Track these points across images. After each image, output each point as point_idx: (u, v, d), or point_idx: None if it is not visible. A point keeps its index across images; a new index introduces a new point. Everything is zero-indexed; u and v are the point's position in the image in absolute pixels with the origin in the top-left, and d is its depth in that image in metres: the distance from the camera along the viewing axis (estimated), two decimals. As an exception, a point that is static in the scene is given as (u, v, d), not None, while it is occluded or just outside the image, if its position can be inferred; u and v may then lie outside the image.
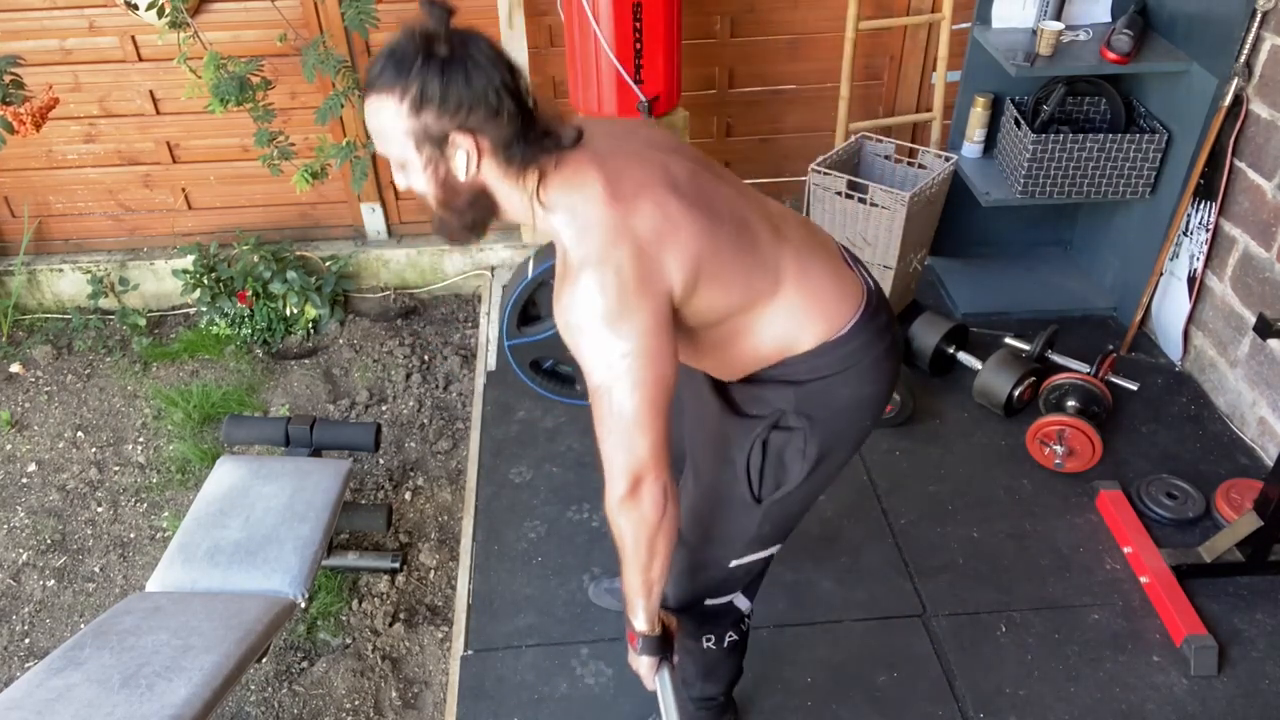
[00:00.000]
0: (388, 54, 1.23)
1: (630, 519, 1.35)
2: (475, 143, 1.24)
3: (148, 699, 1.73)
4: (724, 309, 1.38)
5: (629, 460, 1.31)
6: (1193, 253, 2.85)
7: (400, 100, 1.21)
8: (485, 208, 1.33)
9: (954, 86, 3.22)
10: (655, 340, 1.28)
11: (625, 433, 1.30)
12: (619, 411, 1.29)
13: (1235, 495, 2.49)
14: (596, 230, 1.26)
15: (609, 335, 1.26)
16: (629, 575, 1.44)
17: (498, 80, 1.22)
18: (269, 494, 2.32)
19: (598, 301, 1.25)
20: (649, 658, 1.53)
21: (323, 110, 2.74)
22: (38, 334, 3.46)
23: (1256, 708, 2.06)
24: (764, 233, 1.42)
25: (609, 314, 1.25)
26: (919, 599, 2.30)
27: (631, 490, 1.33)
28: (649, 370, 1.28)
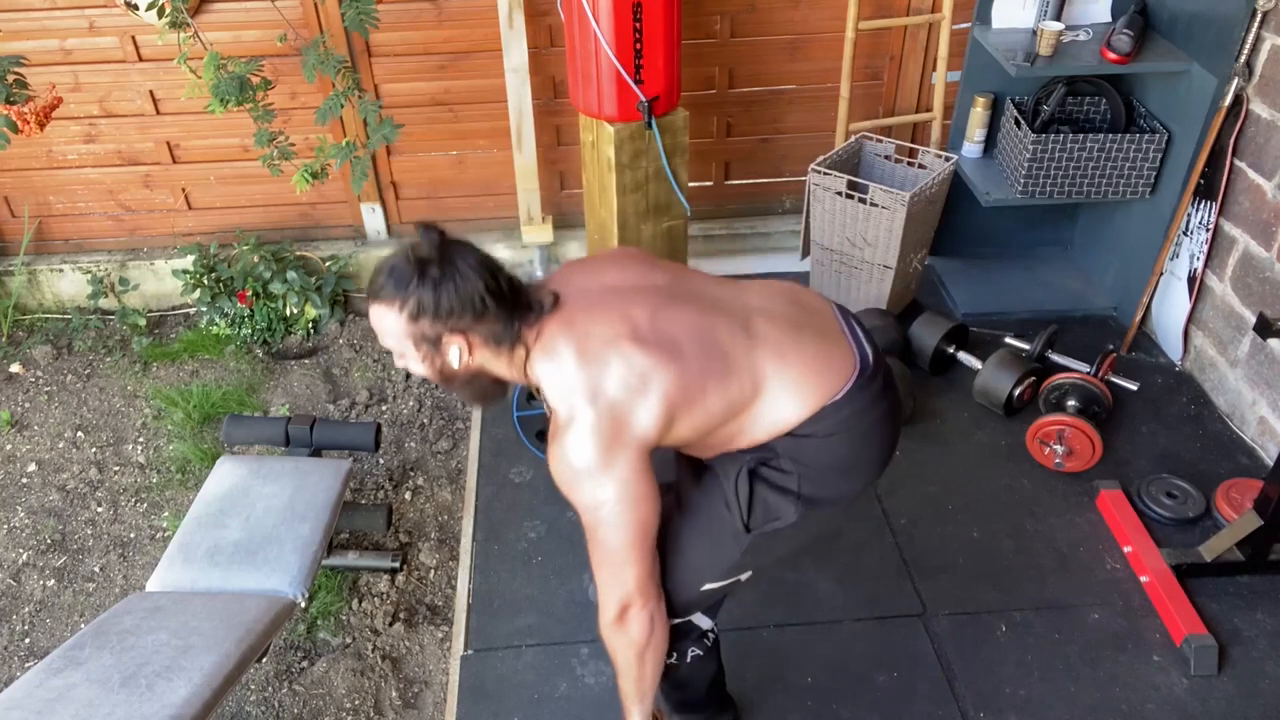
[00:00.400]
0: (388, 271, 1.41)
1: (620, 641, 1.54)
2: (466, 340, 1.43)
3: (148, 699, 1.73)
4: (707, 427, 1.48)
5: (618, 590, 1.49)
6: (1193, 252, 2.85)
7: (400, 311, 1.41)
8: (483, 383, 1.54)
9: (954, 86, 3.23)
10: (634, 487, 1.42)
11: (614, 566, 1.47)
12: (606, 548, 1.46)
13: (1235, 495, 2.50)
14: (572, 394, 1.41)
15: (592, 486, 1.41)
16: (624, 685, 1.62)
17: (481, 288, 1.40)
18: (269, 494, 2.32)
19: (580, 457, 1.40)
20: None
21: (323, 110, 2.74)
22: (38, 334, 3.46)
23: (1256, 707, 2.06)
24: (736, 343, 1.49)
25: (590, 468, 1.40)
26: (919, 599, 2.30)
27: (620, 616, 1.50)
28: (630, 513, 1.43)
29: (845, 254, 3.02)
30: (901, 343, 2.90)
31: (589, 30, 2.67)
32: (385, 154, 3.40)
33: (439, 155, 3.44)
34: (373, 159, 3.35)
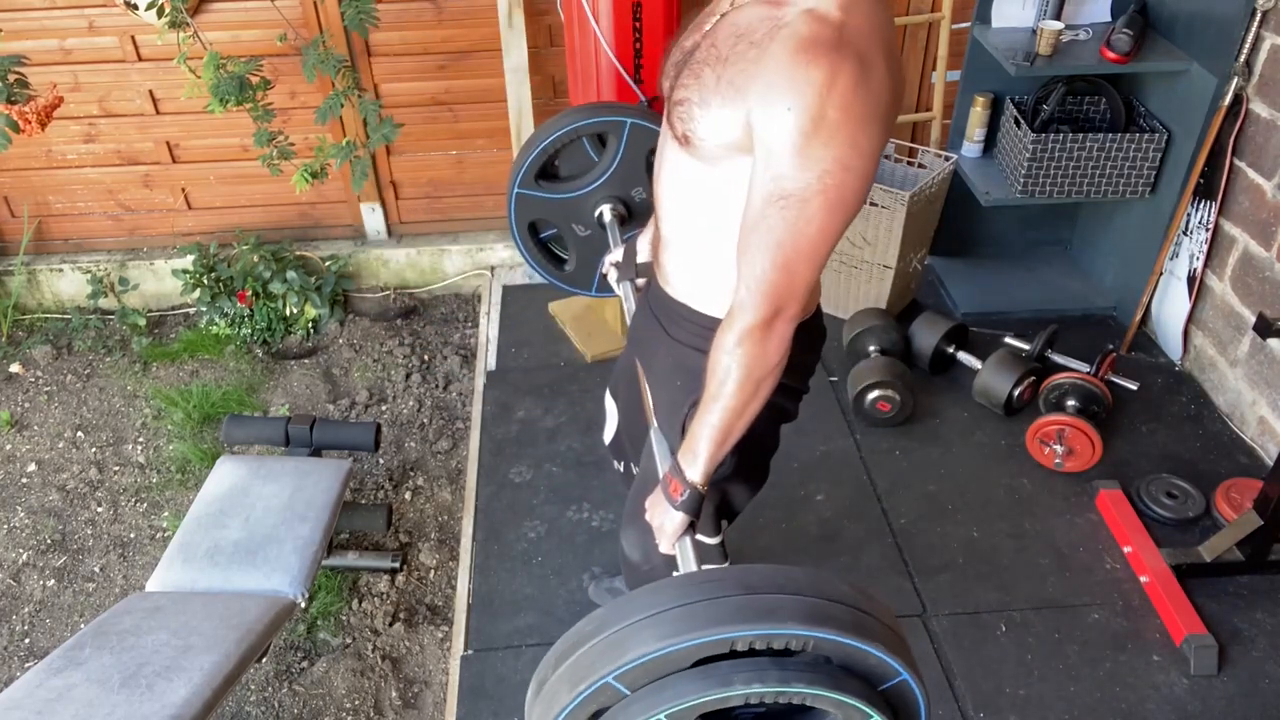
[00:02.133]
0: None
1: (752, 351, 1.22)
2: None
3: (148, 699, 1.73)
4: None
5: (783, 285, 1.18)
6: (1193, 252, 2.85)
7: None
8: None
9: (954, 86, 3.22)
10: (872, 171, 1.14)
11: (795, 253, 1.16)
12: (801, 227, 1.13)
13: (1235, 494, 2.49)
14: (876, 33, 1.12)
15: (844, 139, 1.09)
16: (712, 415, 1.27)
17: None
18: (269, 494, 2.32)
19: (855, 98, 1.08)
20: (683, 516, 1.36)
21: (322, 110, 2.74)
22: (37, 334, 3.46)
23: (1256, 707, 2.06)
24: None
25: (859, 117, 1.09)
26: (919, 599, 2.30)
27: (767, 321, 1.20)
28: (857, 197, 1.14)
29: (845, 253, 3.02)
30: (901, 343, 2.90)
31: (588, 30, 2.67)
32: (385, 154, 3.40)
33: (439, 155, 3.44)
34: (372, 159, 3.35)
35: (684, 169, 1.33)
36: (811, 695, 1.01)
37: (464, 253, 3.59)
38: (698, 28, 1.32)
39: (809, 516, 2.51)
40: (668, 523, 1.38)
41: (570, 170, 2.11)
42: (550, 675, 1.06)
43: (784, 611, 1.01)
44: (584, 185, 2.09)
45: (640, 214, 2.08)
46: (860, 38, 1.10)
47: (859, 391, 2.71)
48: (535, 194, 2.21)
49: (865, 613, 1.05)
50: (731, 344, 1.22)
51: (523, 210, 2.25)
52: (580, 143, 2.08)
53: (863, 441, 2.72)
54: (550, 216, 2.22)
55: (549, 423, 2.82)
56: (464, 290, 3.66)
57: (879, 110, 1.11)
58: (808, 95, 1.08)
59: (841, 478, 2.62)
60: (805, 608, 1.02)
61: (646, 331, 1.56)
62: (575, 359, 3.07)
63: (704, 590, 1.03)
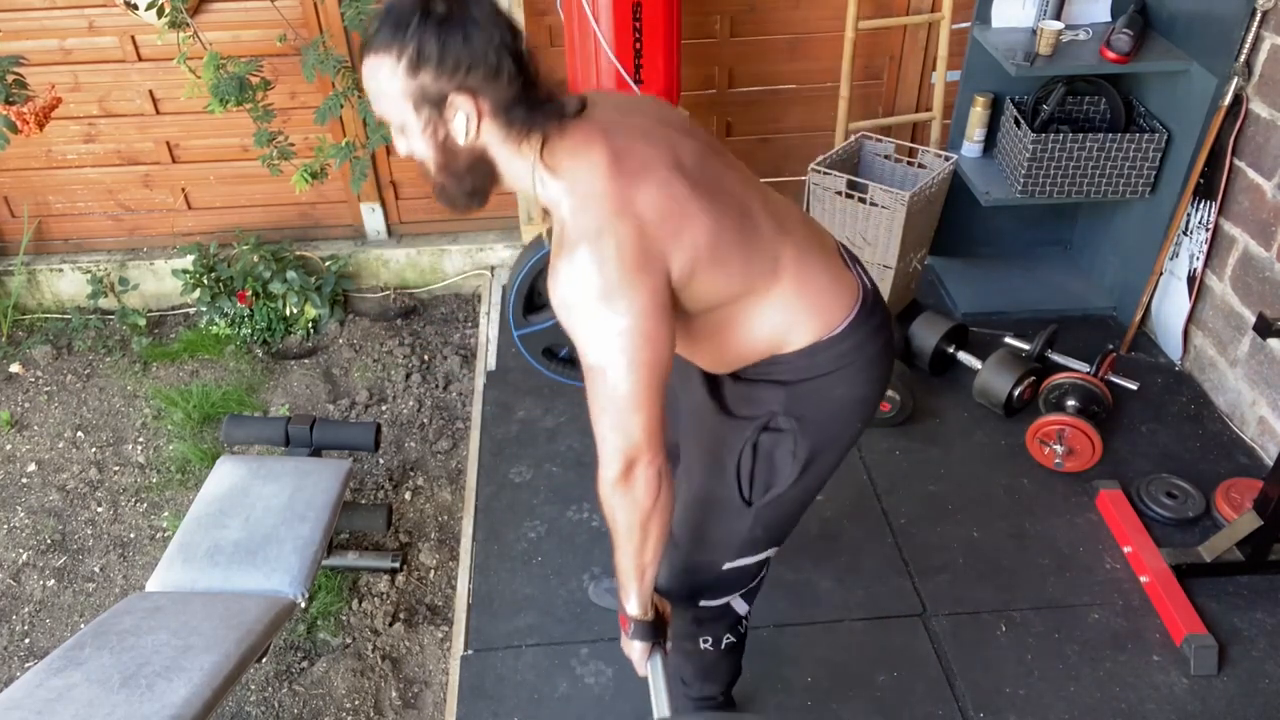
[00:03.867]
0: (385, 12, 1.20)
1: (623, 502, 1.34)
2: (475, 104, 1.22)
3: (148, 699, 1.73)
4: (721, 296, 1.36)
5: (623, 442, 1.30)
6: (1192, 252, 2.85)
7: (398, 60, 1.19)
8: (485, 173, 1.32)
9: (954, 86, 3.22)
10: (652, 321, 1.25)
11: (620, 413, 1.28)
12: (614, 392, 1.27)
13: (1235, 495, 2.49)
14: (598, 203, 1.24)
15: (605, 312, 1.23)
16: (621, 559, 1.42)
17: (497, 39, 1.19)
18: (269, 494, 2.31)
19: (595, 277, 1.22)
20: (641, 643, 1.52)
21: (322, 110, 2.74)
22: (37, 334, 3.46)
23: (1256, 707, 2.06)
24: (766, 223, 1.40)
25: (606, 290, 1.22)
26: (919, 599, 2.30)
27: (625, 473, 1.32)
28: (645, 351, 1.25)
29: (845, 254, 3.02)
30: (901, 343, 2.90)
31: (588, 30, 2.67)
32: (385, 154, 3.40)
33: (439, 155, 3.44)
34: (372, 159, 3.34)
35: None
36: None
37: (464, 253, 3.59)
38: None
39: (809, 516, 2.47)
40: (633, 652, 1.55)
41: None
42: None
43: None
44: None
45: None
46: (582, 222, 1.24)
47: (859, 391, 2.71)
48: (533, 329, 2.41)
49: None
50: (606, 496, 1.36)
51: (532, 345, 2.47)
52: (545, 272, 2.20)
53: (863, 441, 2.72)
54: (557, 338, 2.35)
55: (549, 423, 2.82)
56: (464, 290, 3.66)
57: (626, 273, 1.22)
58: (565, 292, 1.25)
59: (841, 478, 2.61)
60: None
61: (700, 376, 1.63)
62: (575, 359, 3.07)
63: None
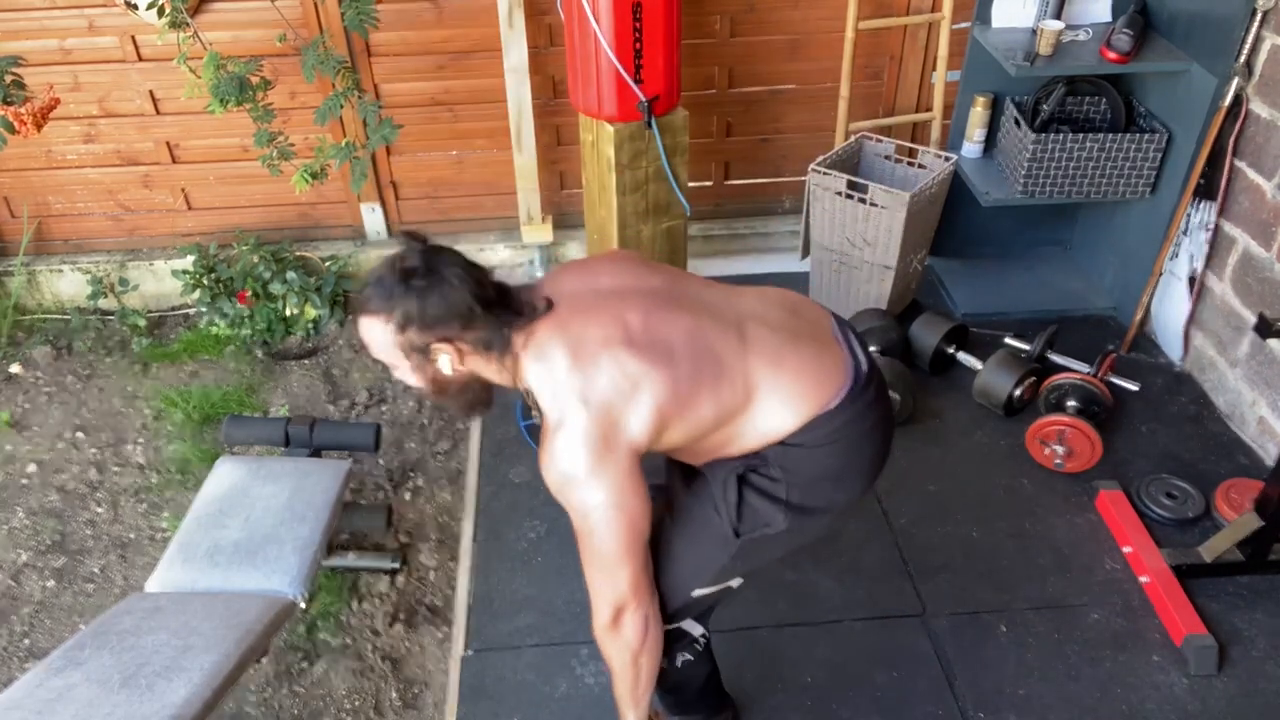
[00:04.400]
0: (374, 284, 1.44)
1: (615, 645, 1.55)
2: (455, 347, 1.45)
3: (148, 699, 1.73)
4: (698, 433, 1.49)
5: (611, 593, 1.50)
6: (1192, 252, 2.85)
7: (386, 322, 1.43)
8: (476, 390, 1.54)
9: (954, 86, 3.22)
10: (625, 490, 1.43)
11: (606, 569, 1.48)
12: (599, 551, 1.47)
13: (1235, 495, 2.50)
14: (563, 397, 1.42)
15: (584, 490, 1.42)
16: (619, 690, 1.63)
17: (468, 295, 1.42)
18: (269, 494, 2.31)
19: (570, 461, 1.41)
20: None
21: (322, 110, 2.74)
22: (37, 334, 3.46)
23: (1256, 707, 2.06)
24: (729, 348, 1.49)
25: (581, 472, 1.41)
26: (919, 599, 2.30)
27: (614, 620, 1.52)
28: (622, 517, 1.44)
29: (845, 254, 3.02)
30: (901, 343, 2.90)
31: (589, 30, 2.67)
32: (385, 154, 3.40)
33: (439, 155, 3.44)
34: (372, 159, 3.34)
35: None
36: None
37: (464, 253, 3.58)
38: None
39: (809, 517, 2.51)
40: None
41: None
42: None
43: None
44: None
45: None
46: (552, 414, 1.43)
47: (859, 392, 2.71)
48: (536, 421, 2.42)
49: None
50: (600, 640, 1.57)
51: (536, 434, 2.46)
52: None
53: (863, 442, 2.72)
54: None
55: (549, 423, 2.82)
56: (464, 290, 3.65)
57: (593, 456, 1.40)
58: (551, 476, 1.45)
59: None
60: None
61: None
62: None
63: None
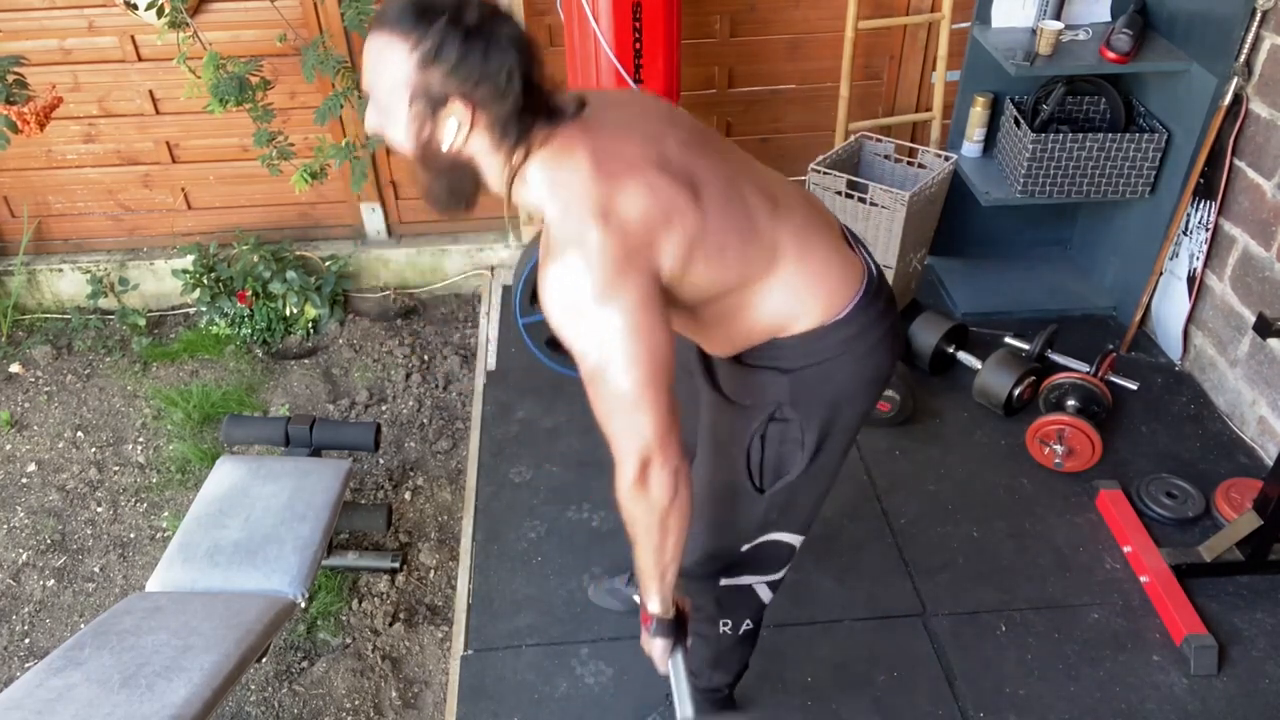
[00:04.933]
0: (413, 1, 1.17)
1: (641, 505, 1.33)
2: (471, 116, 1.21)
3: (148, 699, 1.73)
4: (718, 287, 1.35)
5: (635, 443, 1.28)
6: (1192, 252, 2.85)
7: (412, 49, 1.17)
8: (465, 178, 1.31)
9: (954, 86, 3.22)
10: (645, 316, 1.23)
11: (627, 415, 1.26)
12: (617, 393, 1.25)
13: (1235, 494, 2.50)
14: (581, 206, 1.23)
15: (597, 313, 1.22)
16: (642, 558, 1.41)
17: (513, 63, 1.18)
18: (269, 494, 2.31)
19: (583, 279, 1.21)
20: (663, 640, 1.51)
21: (322, 110, 2.74)
22: (37, 334, 3.46)
23: (1256, 707, 2.06)
24: (761, 209, 1.38)
25: (595, 292, 1.21)
26: (919, 599, 2.30)
27: (640, 475, 1.29)
28: (642, 346, 1.23)
29: (845, 254, 3.02)
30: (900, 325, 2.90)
31: (588, 30, 2.67)
32: (385, 154, 3.40)
33: (439, 155, 3.44)
34: (372, 159, 3.34)
35: None
36: None
37: (464, 253, 3.59)
38: None
39: (809, 516, 2.51)
40: (654, 650, 1.54)
41: None
42: None
43: None
44: None
45: None
46: (566, 227, 1.24)
47: (859, 391, 2.71)
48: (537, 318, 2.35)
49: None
50: (624, 499, 1.34)
51: (535, 334, 2.42)
52: None
53: (863, 441, 2.72)
54: None
55: (549, 423, 2.82)
56: (464, 290, 3.66)
57: (612, 273, 1.22)
58: (556, 298, 1.25)
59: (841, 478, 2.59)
60: None
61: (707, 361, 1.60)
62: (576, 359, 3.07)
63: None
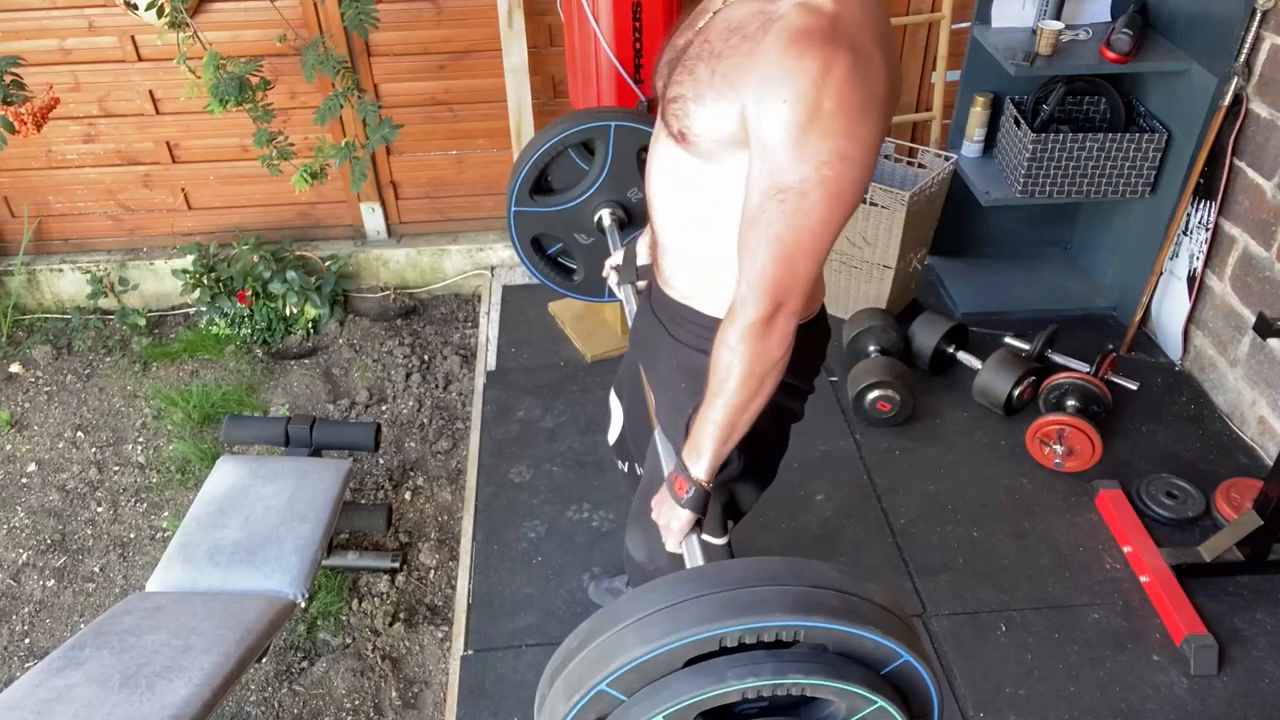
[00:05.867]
0: None
1: (753, 347, 1.21)
2: None
3: (148, 699, 1.73)
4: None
5: (785, 279, 1.17)
6: (1192, 252, 2.85)
7: None
8: None
9: (954, 86, 3.22)
10: (872, 162, 1.14)
11: (795, 247, 1.15)
12: (801, 220, 1.13)
13: (1235, 494, 2.50)
14: (871, 25, 1.12)
15: (841, 129, 1.09)
16: (716, 411, 1.27)
17: None
18: (269, 494, 2.32)
19: (851, 88, 1.08)
20: (689, 514, 1.37)
21: (322, 110, 2.74)
22: (37, 334, 3.46)
23: (1256, 707, 2.06)
24: None
25: (856, 107, 1.09)
26: (919, 599, 2.30)
27: (769, 316, 1.19)
28: (856, 189, 1.13)
29: (845, 253, 3.02)
30: (901, 342, 2.90)
31: (588, 30, 2.67)
32: (385, 154, 3.40)
33: (439, 155, 3.44)
34: (372, 159, 3.35)
35: (680, 168, 1.33)
36: (811, 685, 1.00)
37: (464, 253, 3.59)
38: (690, 25, 1.33)
39: (809, 516, 2.51)
40: (674, 521, 1.38)
41: (563, 182, 2.12)
42: (548, 690, 1.07)
43: (769, 603, 1.00)
44: (579, 194, 2.09)
45: (639, 216, 2.08)
46: (855, 27, 1.10)
47: (859, 391, 2.71)
48: (532, 210, 2.25)
49: (856, 596, 1.03)
50: (734, 340, 1.22)
51: (523, 227, 2.29)
52: (568, 154, 2.09)
53: (863, 441, 2.72)
54: (551, 230, 2.24)
55: (549, 423, 2.82)
56: (464, 290, 3.66)
57: (876, 100, 1.11)
58: (803, 86, 1.08)
59: (841, 478, 2.62)
60: (791, 597, 1.01)
61: (649, 333, 1.56)
62: (575, 359, 3.07)
63: (687, 589, 1.03)
